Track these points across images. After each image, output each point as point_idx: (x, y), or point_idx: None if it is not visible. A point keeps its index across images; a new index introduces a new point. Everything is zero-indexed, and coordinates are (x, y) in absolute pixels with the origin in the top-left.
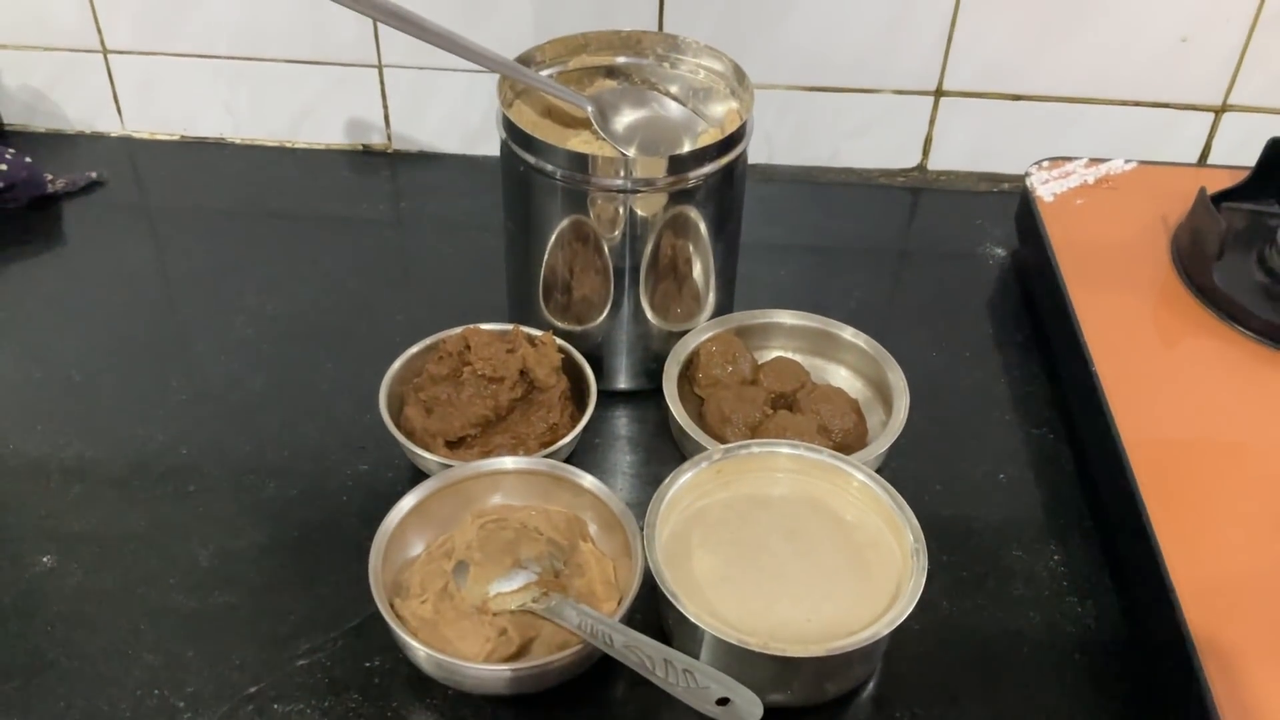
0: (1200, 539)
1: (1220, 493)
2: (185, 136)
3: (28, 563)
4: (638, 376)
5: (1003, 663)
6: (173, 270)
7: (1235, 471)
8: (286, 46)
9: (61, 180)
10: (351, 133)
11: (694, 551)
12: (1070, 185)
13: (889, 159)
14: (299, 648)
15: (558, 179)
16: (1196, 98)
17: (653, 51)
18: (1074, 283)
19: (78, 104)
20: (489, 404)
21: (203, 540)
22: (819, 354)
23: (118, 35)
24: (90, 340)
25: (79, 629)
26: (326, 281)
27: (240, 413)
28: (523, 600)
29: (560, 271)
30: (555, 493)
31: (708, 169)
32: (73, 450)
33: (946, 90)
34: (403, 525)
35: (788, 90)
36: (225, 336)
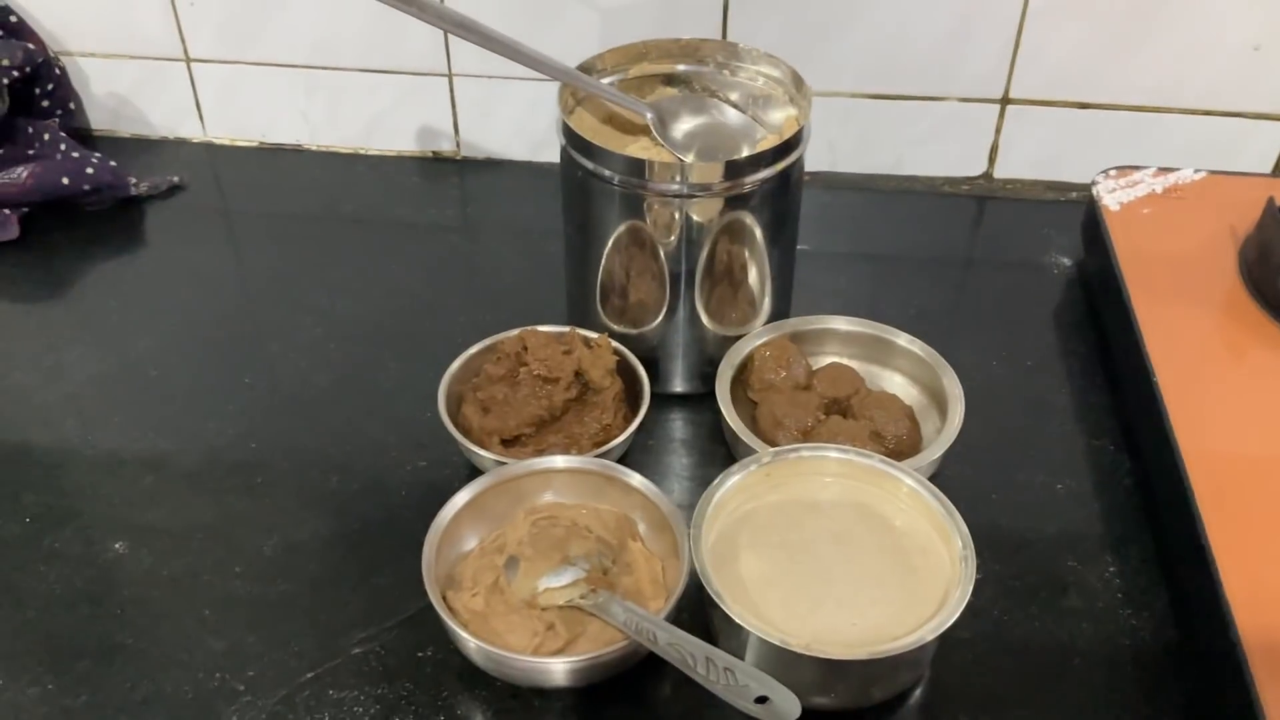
0: (1258, 556)
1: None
2: (263, 143)
3: (100, 549)
4: (692, 380)
5: (1053, 674)
6: (247, 271)
7: None
8: (361, 56)
9: (144, 183)
10: (422, 140)
11: (741, 553)
12: (1137, 194)
13: (954, 167)
14: (355, 637)
15: (615, 184)
16: (1270, 107)
17: (712, 59)
18: (1138, 293)
19: (161, 110)
20: (544, 404)
21: (267, 531)
22: (874, 360)
23: (200, 44)
24: (167, 337)
25: (147, 614)
26: (394, 284)
27: (307, 409)
28: (571, 596)
29: (617, 275)
30: (606, 491)
31: (764, 174)
32: (147, 442)
33: (1013, 98)
34: (456, 520)
35: (851, 98)
36: (295, 336)
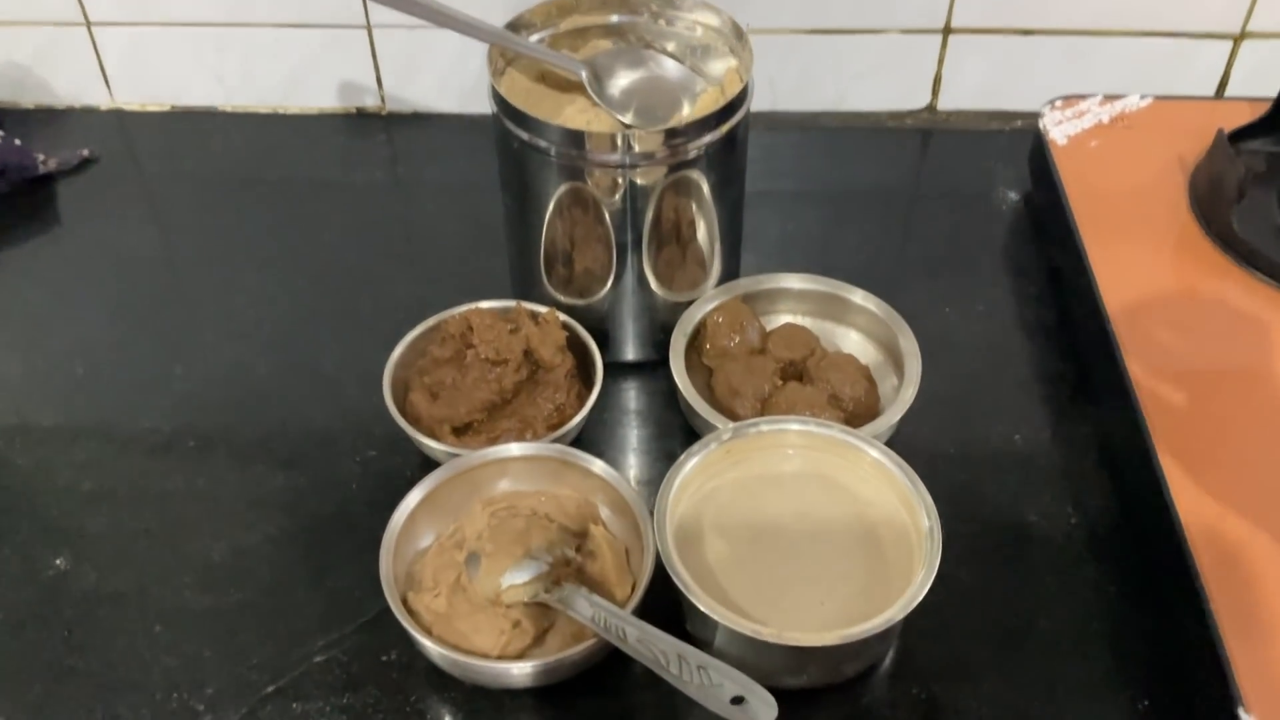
0: (1217, 491)
1: (1238, 439)
2: (176, 107)
3: (41, 565)
4: (644, 347)
5: (1020, 634)
6: (171, 250)
7: (1252, 424)
8: (273, 10)
9: (53, 160)
10: (344, 96)
11: (705, 535)
12: (1084, 126)
13: (897, 100)
14: (315, 644)
15: (552, 156)
16: (1214, 26)
17: (646, 9)
18: (1089, 232)
19: (65, 79)
20: (494, 388)
21: (214, 535)
22: (829, 317)
23: (100, 7)
24: (92, 329)
25: (96, 633)
26: (327, 258)
27: (246, 400)
28: (535, 591)
29: (561, 245)
30: (565, 476)
31: (708, 138)
32: (80, 446)
33: (955, 28)
34: (412, 517)
35: (791, 34)
36: (227, 320)
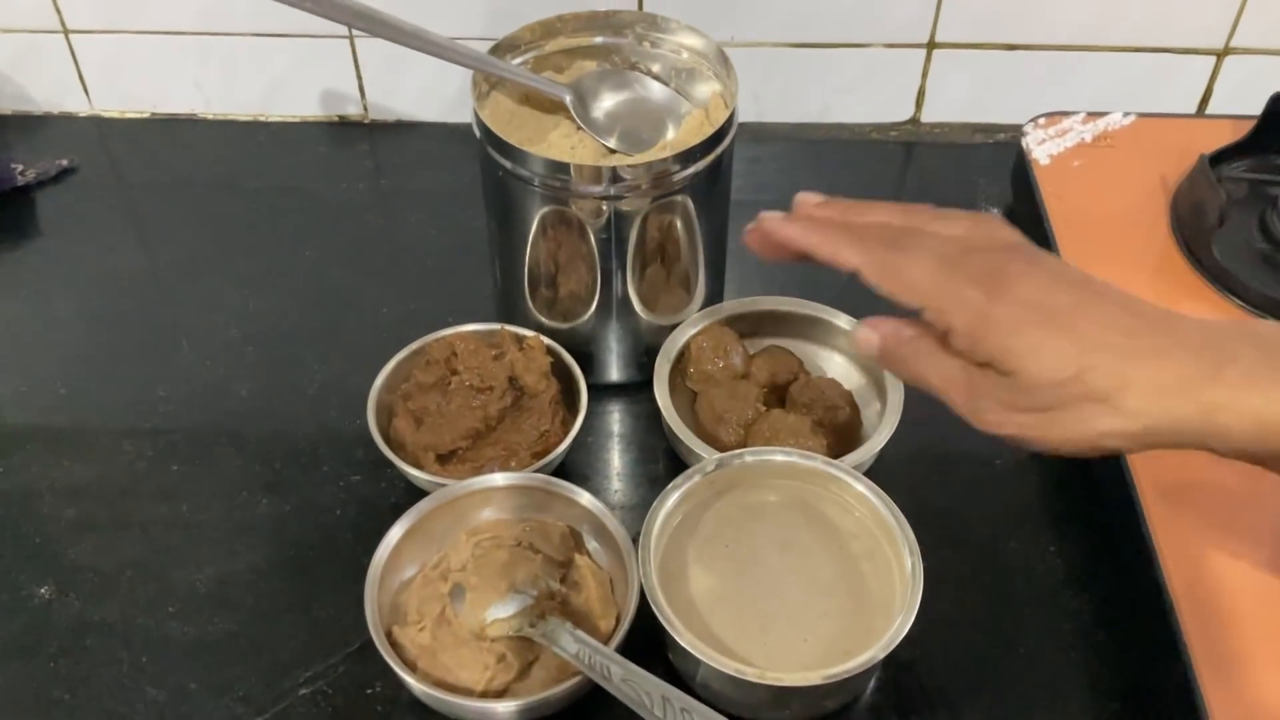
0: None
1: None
2: (155, 114)
3: (26, 595)
4: (628, 368)
5: (999, 665)
6: (151, 264)
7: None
8: (254, 20)
9: (31, 171)
10: (326, 104)
11: (689, 568)
12: (1067, 145)
13: (881, 113)
14: (300, 675)
15: (536, 185)
16: (1195, 42)
17: (631, 31)
18: (1071, 255)
19: (43, 85)
20: (478, 415)
21: (199, 564)
22: (813, 340)
23: (78, 15)
24: (72, 348)
25: (82, 664)
26: (309, 274)
27: (229, 422)
28: (520, 625)
29: (545, 270)
30: (550, 505)
31: (694, 168)
32: (63, 471)
33: (939, 42)
34: (397, 549)
35: (775, 47)
36: (210, 338)
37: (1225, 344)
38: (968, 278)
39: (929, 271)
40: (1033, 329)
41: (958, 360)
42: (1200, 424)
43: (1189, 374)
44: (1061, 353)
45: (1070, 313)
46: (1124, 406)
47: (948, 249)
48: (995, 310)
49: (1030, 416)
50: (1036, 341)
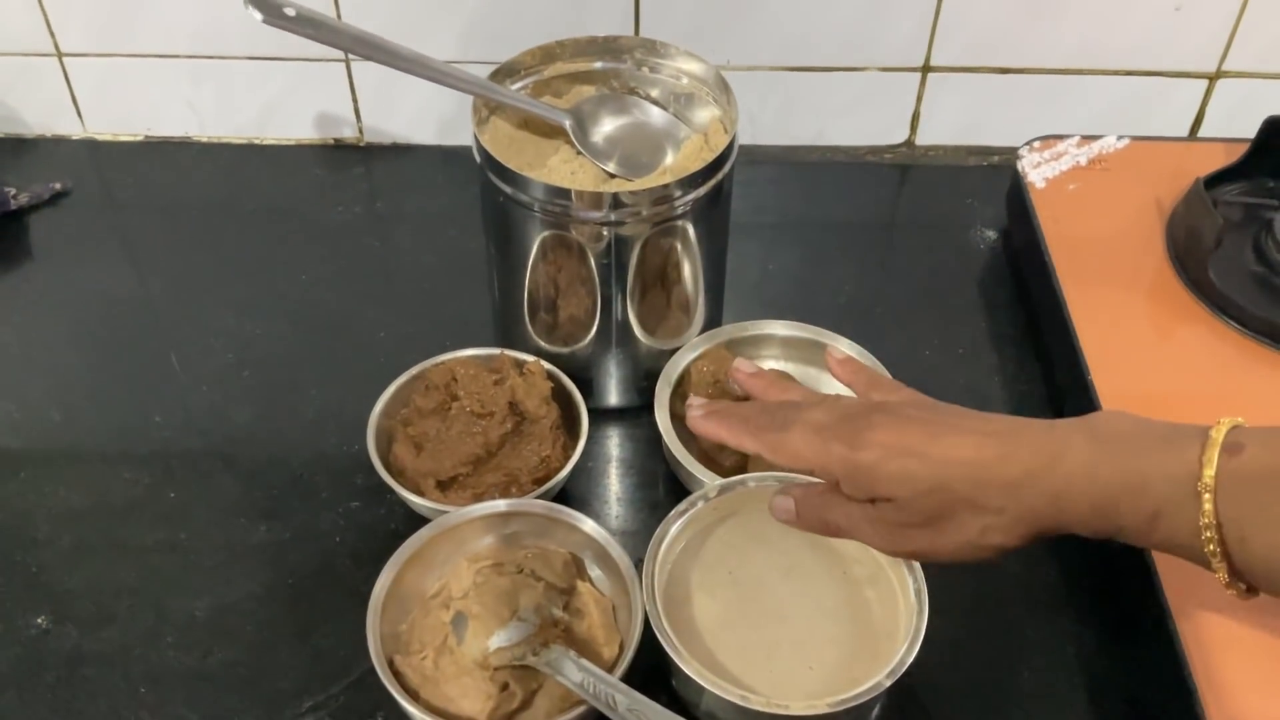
0: None
1: None
2: (149, 136)
3: (22, 624)
4: (628, 393)
5: (1002, 688)
6: (146, 288)
7: None
8: (248, 43)
9: (25, 194)
10: (321, 127)
11: (693, 595)
12: (1062, 168)
13: (876, 136)
14: (301, 706)
15: (536, 210)
16: (1190, 65)
17: (630, 56)
18: (1067, 277)
19: (35, 108)
20: (479, 441)
21: (197, 592)
22: (813, 363)
23: (71, 37)
24: (67, 374)
25: (79, 695)
26: (306, 297)
27: (226, 448)
28: (523, 654)
29: (545, 295)
30: (552, 531)
31: (694, 195)
32: (59, 499)
33: (934, 66)
34: (398, 577)
35: (771, 71)
36: (205, 363)
37: (1063, 439)
38: (835, 438)
39: (806, 442)
40: (893, 463)
41: (856, 505)
42: (1053, 511)
43: (1032, 469)
44: (920, 473)
45: (922, 444)
46: (987, 505)
47: (822, 419)
48: (860, 456)
49: (922, 533)
50: (898, 470)
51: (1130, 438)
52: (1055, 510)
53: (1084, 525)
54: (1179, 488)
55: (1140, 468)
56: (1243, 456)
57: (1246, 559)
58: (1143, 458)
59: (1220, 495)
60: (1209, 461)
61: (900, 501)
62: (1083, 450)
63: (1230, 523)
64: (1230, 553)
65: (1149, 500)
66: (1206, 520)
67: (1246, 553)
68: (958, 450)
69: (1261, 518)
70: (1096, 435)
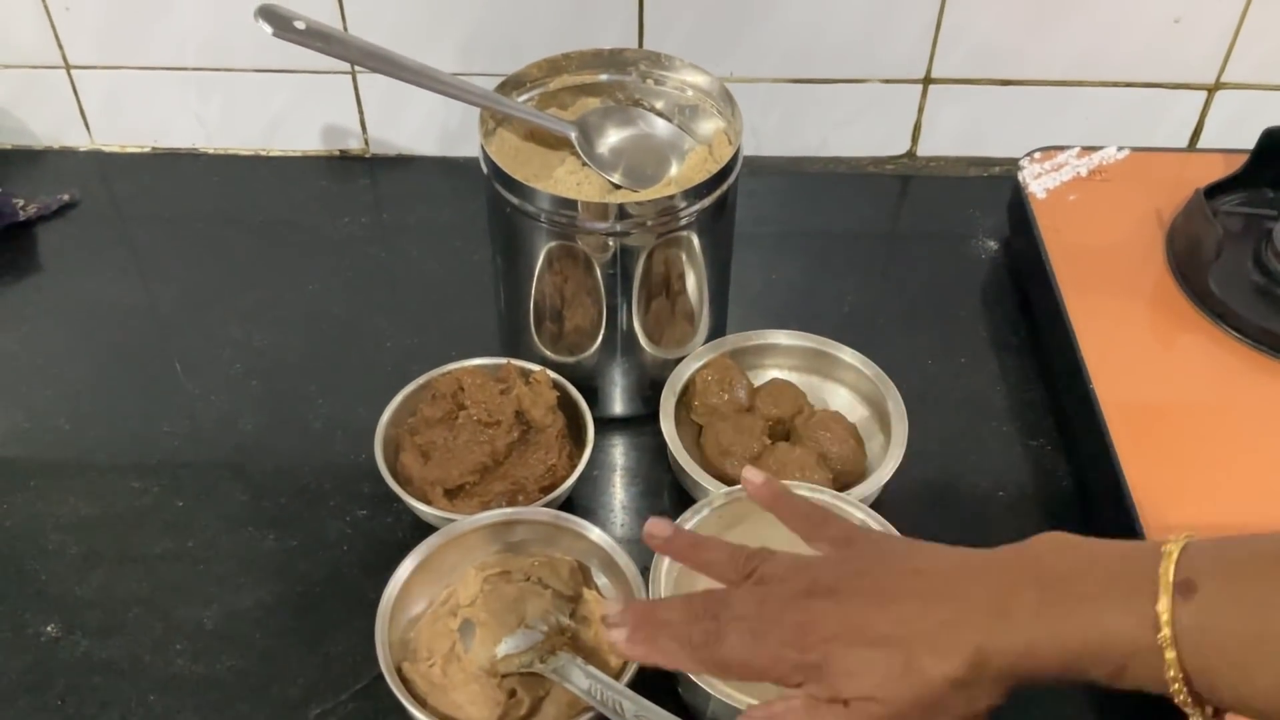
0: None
1: (1217, 504)
2: (156, 148)
3: (33, 633)
4: (633, 402)
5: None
6: (154, 298)
7: (1229, 479)
8: (255, 56)
9: (33, 206)
10: (327, 139)
11: None
12: (1063, 179)
13: (877, 147)
14: (309, 713)
15: (543, 221)
16: (1189, 77)
17: (635, 68)
18: (1069, 289)
19: (43, 120)
20: (486, 449)
21: (205, 601)
22: (817, 373)
23: (80, 50)
24: (76, 384)
25: (90, 703)
26: (312, 308)
27: (234, 457)
28: (530, 661)
29: (551, 304)
30: (558, 539)
31: (699, 205)
32: (68, 508)
33: (935, 78)
34: (406, 585)
35: (774, 83)
36: (213, 373)
37: (1010, 592)
38: (779, 643)
39: (747, 652)
40: (850, 656)
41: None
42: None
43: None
44: (878, 663)
45: (871, 628)
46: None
47: (756, 619)
48: (810, 659)
49: None
50: (857, 663)
51: (1078, 580)
52: (1022, 669)
53: (1055, 680)
54: (1140, 645)
55: (1096, 623)
56: (1197, 598)
57: (1222, 701)
58: (1096, 610)
59: (1182, 648)
60: (1164, 610)
61: (876, 695)
62: (1033, 607)
63: (1197, 673)
64: (1203, 698)
65: (1112, 656)
66: (1173, 674)
67: (1220, 698)
68: (909, 624)
69: (1225, 665)
70: (1043, 581)
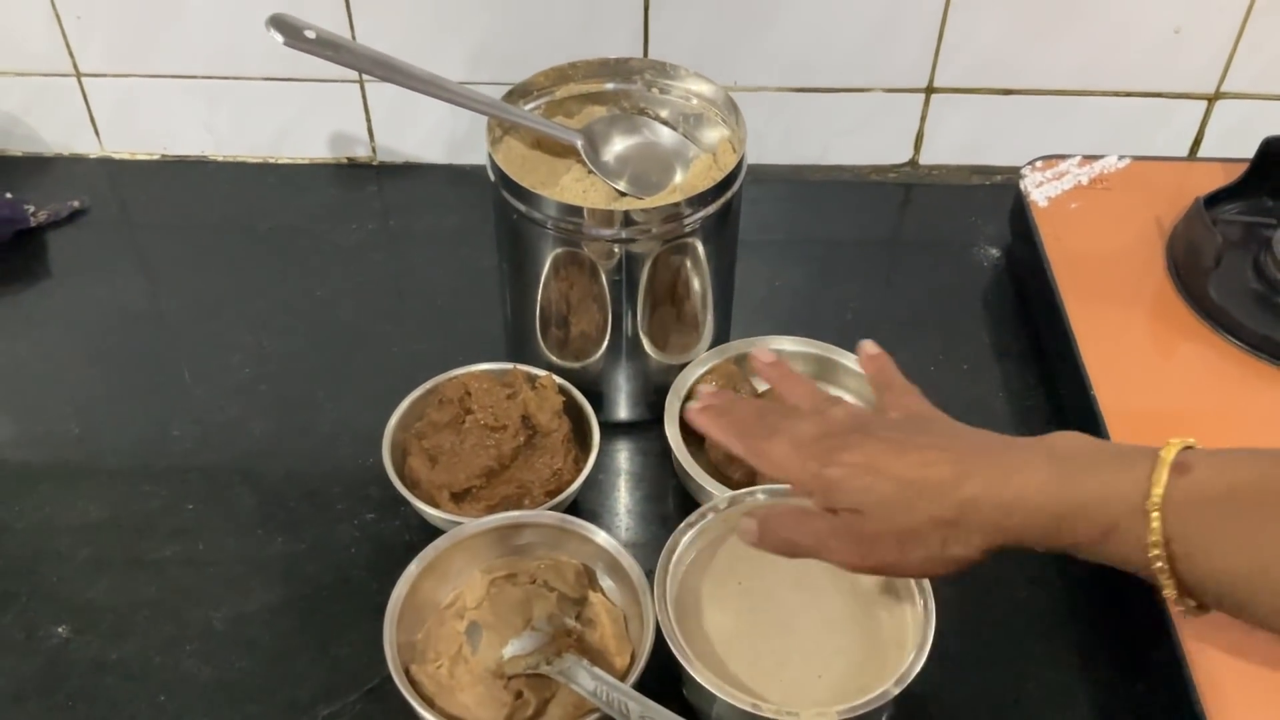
0: None
1: None
2: (166, 155)
3: (43, 635)
4: (637, 407)
5: (1009, 700)
6: (163, 304)
7: None
8: (265, 65)
9: (43, 212)
10: (335, 146)
11: (703, 605)
12: (1064, 188)
13: (880, 155)
14: (318, 714)
15: (549, 227)
16: (1189, 86)
17: (640, 77)
18: (1070, 296)
19: (54, 127)
20: (492, 453)
21: (215, 603)
22: (820, 378)
23: (90, 58)
24: (85, 389)
25: (100, 704)
26: (321, 314)
27: (243, 461)
28: (537, 662)
29: (556, 310)
30: (564, 542)
31: (704, 212)
32: (78, 511)
33: (937, 87)
34: (414, 587)
35: (777, 91)
36: (222, 378)
37: (1021, 457)
38: (810, 455)
39: (785, 455)
40: (857, 480)
41: (824, 521)
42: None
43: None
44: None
45: (886, 462)
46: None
47: (806, 434)
48: (828, 473)
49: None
50: (860, 487)
51: (1085, 456)
52: (1011, 524)
53: (1039, 540)
54: (1129, 505)
55: (1093, 486)
56: (1191, 476)
57: (1194, 576)
58: (1096, 476)
59: (1167, 514)
60: (1158, 480)
61: (866, 512)
62: (1039, 469)
63: (1177, 540)
64: (1178, 570)
65: (1101, 517)
66: (1155, 538)
67: (1193, 570)
68: (917, 469)
69: (1206, 537)
70: (1054, 454)
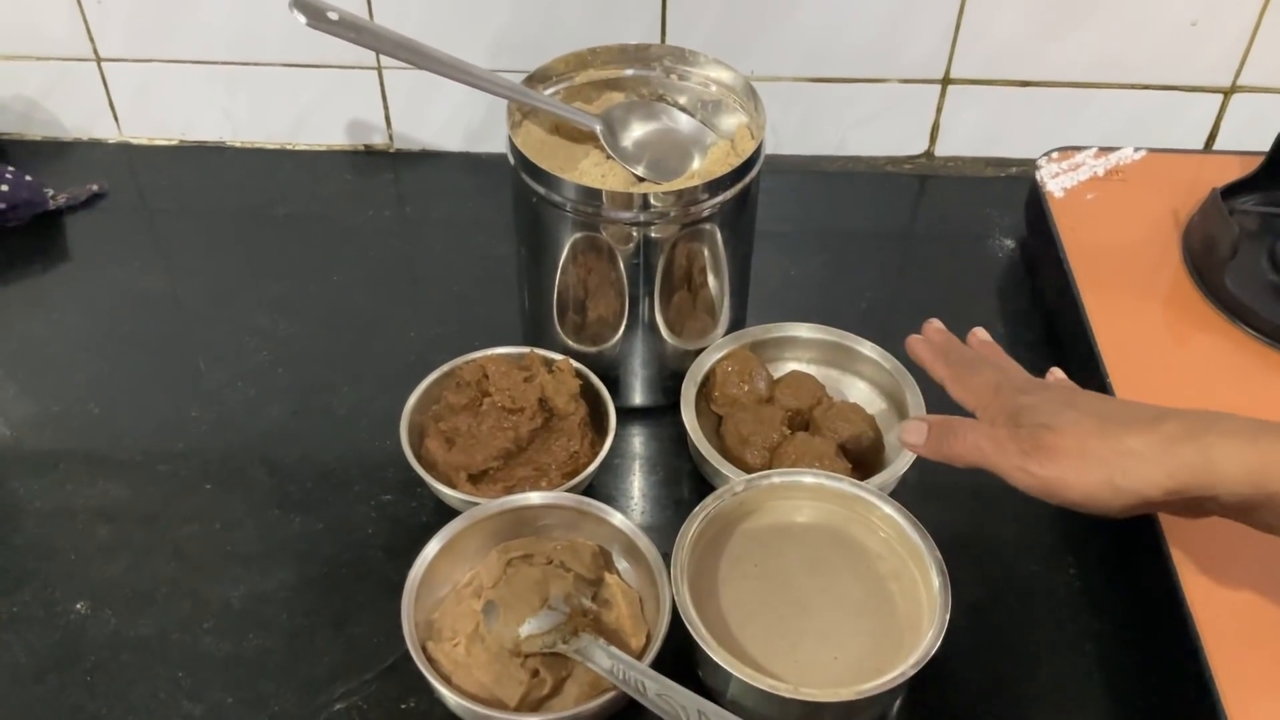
0: (1209, 544)
1: None
2: (184, 141)
3: (62, 611)
4: (654, 392)
5: (1022, 684)
6: (181, 288)
7: None
8: (284, 50)
9: (63, 195)
10: (352, 133)
11: (719, 586)
12: (1080, 179)
13: (896, 147)
14: (335, 691)
15: (568, 210)
16: (1205, 80)
17: (659, 64)
18: (1086, 287)
19: (73, 112)
20: (509, 435)
21: (233, 581)
22: (836, 365)
23: (110, 44)
24: (105, 370)
25: (118, 679)
26: (337, 298)
27: (261, 442)
28: (553, 641)
29: (574, 295)
30: (581, 524)
31: (721, 197)
32: (97, 490)
33: (954, 78)
34: (431, 566)
35: (794, 82)
36: (240, 361)
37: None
38: (1010, 390)
39: (984, 384)
40: (1054, 407)
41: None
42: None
43: (1189, 426)
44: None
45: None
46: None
47: (1012, 378)
48: (1023, 399)
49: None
50: (1057, 410)
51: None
52: (1206, 465)
53: (1232, 488)
54: None
55: None
56: None
57: None
58: None
59: None
60: None
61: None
62: (1242, 421)
63: None
64: None
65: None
66: None
67: None
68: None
69: None
70: (1240, 419)
